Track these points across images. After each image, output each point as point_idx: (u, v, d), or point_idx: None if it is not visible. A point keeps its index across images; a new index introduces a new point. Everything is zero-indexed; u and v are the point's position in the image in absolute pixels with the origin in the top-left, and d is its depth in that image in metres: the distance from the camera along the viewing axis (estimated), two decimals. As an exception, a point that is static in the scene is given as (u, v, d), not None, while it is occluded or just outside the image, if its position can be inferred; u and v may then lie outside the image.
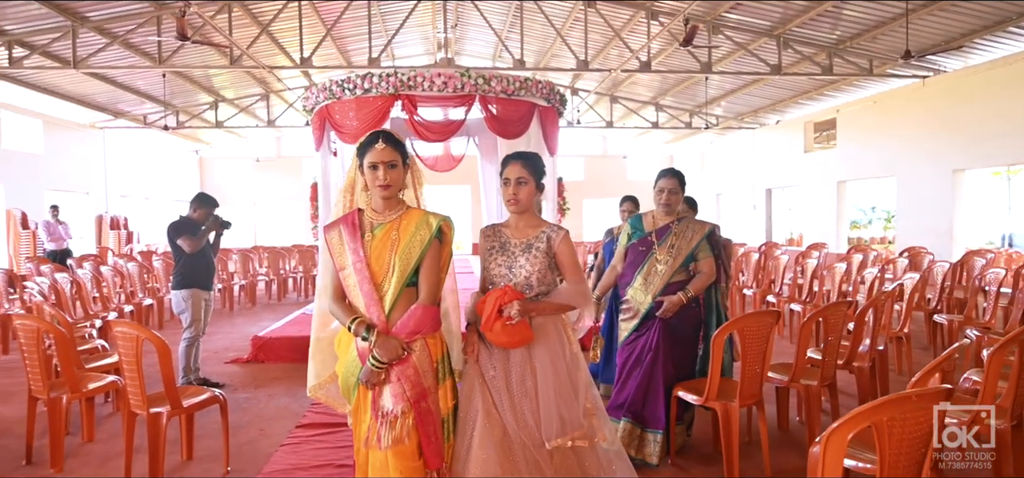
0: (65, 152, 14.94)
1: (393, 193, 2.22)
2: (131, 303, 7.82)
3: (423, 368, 2.18)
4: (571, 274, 2.42)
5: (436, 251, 2.23)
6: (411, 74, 6.45)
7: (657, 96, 16.84)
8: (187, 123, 16.53)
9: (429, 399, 2.18)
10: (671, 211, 3.47)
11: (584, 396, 2.41)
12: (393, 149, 2.20)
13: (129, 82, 13.24)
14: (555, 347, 2.37)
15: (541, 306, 2.35)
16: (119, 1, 9.43)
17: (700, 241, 3.38)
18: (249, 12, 10.59)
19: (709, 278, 3.38)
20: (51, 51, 10.26)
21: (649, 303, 3.35)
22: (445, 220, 2.27)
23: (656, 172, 3.61)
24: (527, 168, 2.45)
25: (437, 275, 2.25)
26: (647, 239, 3.45)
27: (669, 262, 3.34)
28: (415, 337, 2.17)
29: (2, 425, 4.27)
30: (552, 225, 2.46)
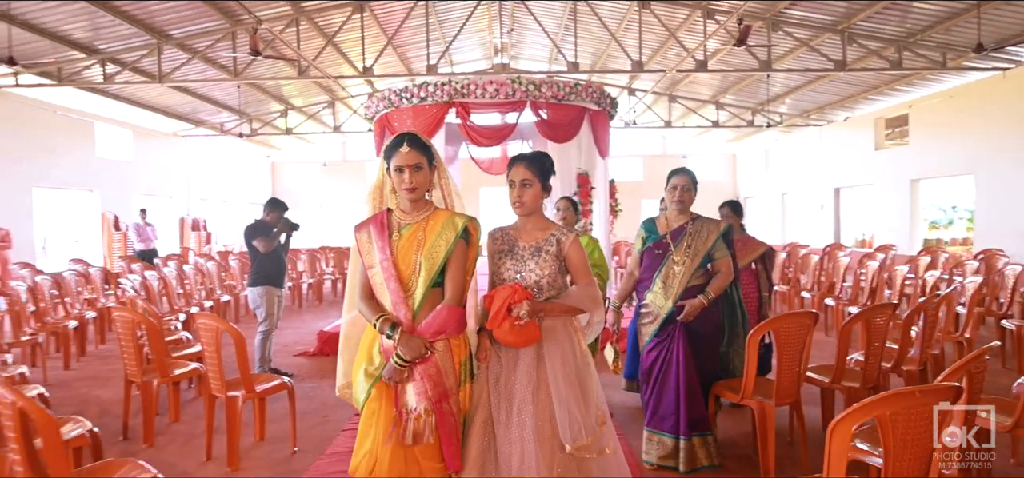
0: (152, 159, 16.11)
1: (419, 195, 2.24)
2: (210, 299, 8.45)
3: (445, 368, 2.19)
4: (581, 277, 2.39)
5: (462, 252, 2.25)
6: (464, 82, 6.75)
7: (717, 94, 16.55)
8: (260, 130, 17.52)
9: (450, 400, 2.19)
10: (685, 210, 3.39)
11: (594, 404, 2.34)
12: (418, 152, 2.23)
13: (208, 93, 14.20)
14: (566, 349, 2.33)
15: (551, 307, 2.31)
16: (199, 19, 10.17)
17: (716, 240, 3.32)
18: (315, 25, 11.15)
19: (727, 277, 3.32)
20: (139, 67, 11.17)
21: (670, 307, 3.28)
22: (471, 221, 2.28)
23: (717, 172, 3.66)
24: (532, 170, 2.38)
25: (463, 276, 2.27)
26: (662, 242, 3.38)
27: (687, 263, 3.28)
28: (439, 337, 2.19)
29: (102, 405, 4.79)
30: (561, 228, 2.43)
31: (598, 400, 2.37)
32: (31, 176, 12.10)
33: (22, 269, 8.65)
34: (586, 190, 7.18)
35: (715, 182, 22.89)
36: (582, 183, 7.19)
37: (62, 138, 12.95)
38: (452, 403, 2.19)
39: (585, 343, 2.44)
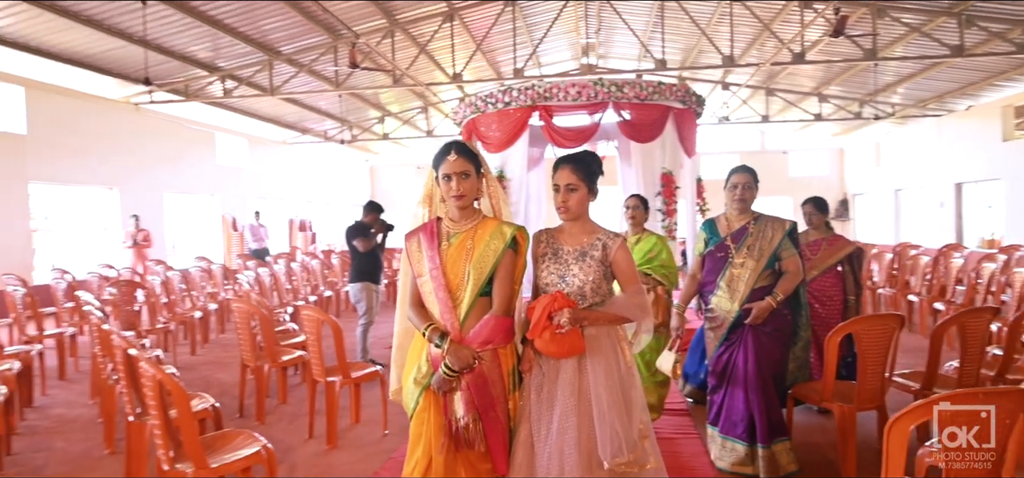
0: (264, 165, 17.50)
1: (466, 202, 2.24)
2: (314, 294, 9.13)
3: (492, 378, 2.19)
4: (629, 284, 2.27)
5: (510, 261, 2.23)
6: (547, 86, 6.91)
7: (820, 86, 15.67)
8: (359, 137, 18.57)
9: (498, 408, 2.19)
10: (746, 209, 3.24)
11: (638, 417, 2.24)
12: (466, 160, 2.22)
13: (313, 103, 15.27)
14: (610, 360, 2.24)
15: (595, 315, 2.20)
16: (305, 36, 10.98)
17: (782, 239, 3.15)
18: (409, 35, 11.70)
19: (796, 277, 3.16)
20: (254, 81, 12.22)
21: (736, 311, 3.15)
22: (519, 230, 2.25)
23: (822, 167, 3.52)
24: (577, 173, 2.27)
25: (510, 286, 2.24)
26: (723, 244, 3.25)
27: (751, 265, 3.13)
28: (487, 347, 2.18)
29: (222, 387, 5.36)
30: (608, 232, 2.32)
31: (642, 413, 2.28)
32: (163, 183, 13.54)
33: (156, 266, 9.72)
34: (670, 190, 7.13)
35: (820, 178, 21.65)
36: (666, 183, 7.14)
37: (188, 148, 14.39)
38: (499, 411, 2.19)
39: (631, 354, 2.34)
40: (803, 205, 4.46)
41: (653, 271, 3.80)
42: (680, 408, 4.42)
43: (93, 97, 11.42)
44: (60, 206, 11.73)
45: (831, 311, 4.20)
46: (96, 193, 12.26)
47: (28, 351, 4.91)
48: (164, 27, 9.44)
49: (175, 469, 2.55)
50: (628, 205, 4.07)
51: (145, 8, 8.47)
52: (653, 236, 3.98)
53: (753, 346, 3.12)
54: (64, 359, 5.99)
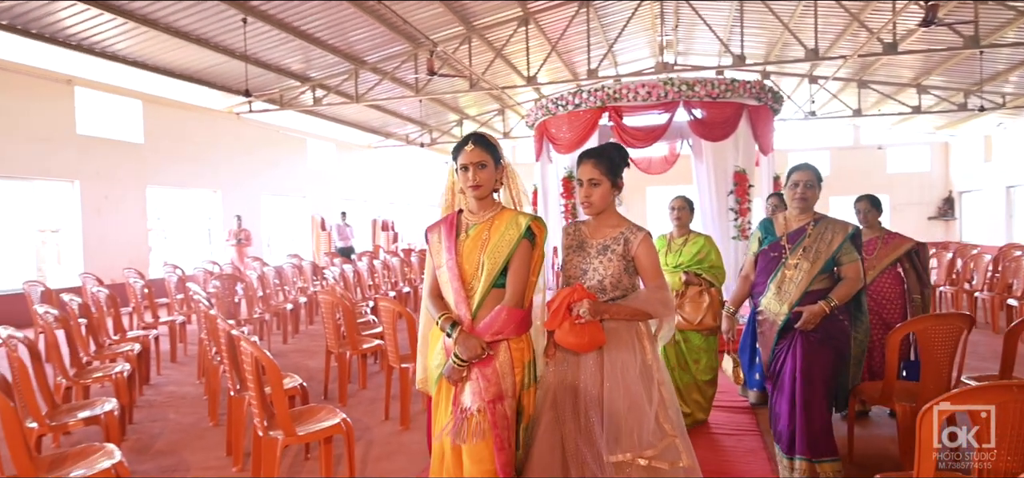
0: (350, 168, 18.45)
1: (483, 193, 2.24)
2: (394, 289, 9.63)
3: (503, 371, 2.16)
4: (652, 279, 2.27)
5: (525, 252, 2.20)
6: (616, 87, 6.99)
7: (920, 76, 14.70)
8: (438, 140, 19.20)
9: (506, 403, 2.15)
10: (806, 209, 3.03)
11: (660, 412, 2.21)
12: (482, 150, 2.23)
13: (395, 109, 15.97)
14: (627, 355, 2.23)
15: (615, 309, 2.22)
16: (387, 46, 11.56)
17: (842, 243, 2.95)
18: (485, 40, 12.04)
19: (855, 284, 2.94)
20: (341, 90, 12.96)
21: (786, 314, 2.96)
22: (535, 220, 2.23)
23: (923, 163, 3.28)
24: (599, 167, 2.29)
25: (524, 277, 2.21)
26: (778, 244, 3.06)
27: (806, 268, 2.94)
28: (497, 338, 2.15)
29: (309, 372, 5.82)
30: (632, 226, 2.32)
31: (669, 410, 2.24)
32: (260, 185, 14.61)
33: (254, 262, 10.55)
34: (743, 188, 7.00)
35: (921, 175, 20.28)
36: (739, 181, 7.03)
37: (282, 153, 15.43)
38: (507, 405, 2.15)
39: (654, 349, 2.31)
40: (856, 203, 4.27)
41: (704, 272, 3.80)
42: (740, 405, 4.40)
43: (200, 108, 12.52)
44: (172, 207, 12.92)
45: (891, 313, 4.01)
46: (202, 195, 13.42)
47: (146, 336, 5.57)
48: (262, 43, 10.24)
49: (268, 436, 2.89)
50: (673, 206, 4.01)
51: (246, 27, 9.25)
52: (701, 237, 3.93)
53: (801, 352, 2.92)
54: (175, 344, 6.69)
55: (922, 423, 1.70)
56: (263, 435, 2.90)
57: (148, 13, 8.60)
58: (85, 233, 10.48)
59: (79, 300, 5.24)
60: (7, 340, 3.18)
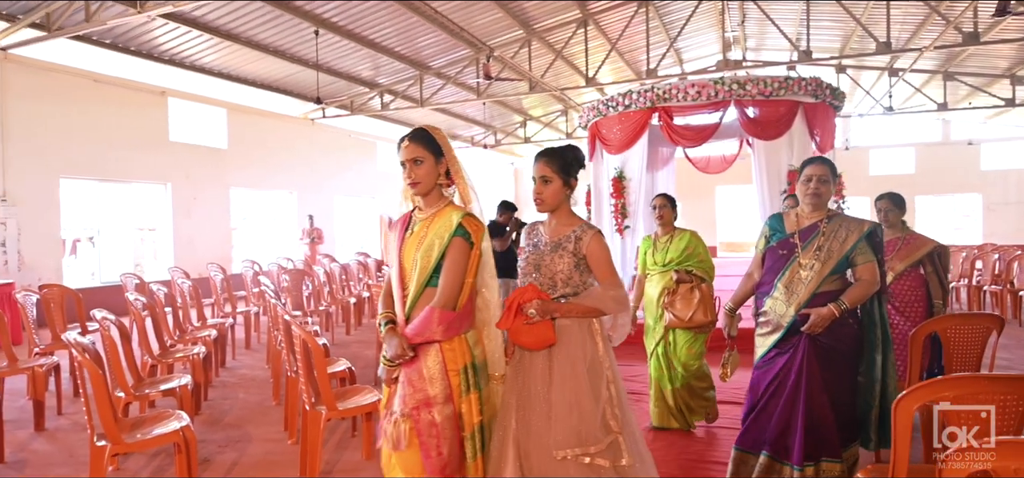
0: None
1: (422, 189, 2.18)
2: None
3: (432, 376, 2.07)
4: (604, 276, 2.28)
5: (458, 251, 2.11)
6: (666, 88, 7.03)
7: (1015, 66, 13.69)
8: (503, 141, 19.57)
9: (433, 409, 2.06)
10: (820, 205, 2.85)
11: (607, 409, 2.21)
12: (418, 145, 2.16)
13: (461, 112, 16.45)
14: (576, 352, 2.23)
15: (566, 307, 2.23)
16: (450, 51, 11.98)
17: (857, 242, 2.76)
18: (545, 42, 12.25)
19: (870, 287, 2.76)
20: (407, 94, 13.52)
21: (792, 316, 2.78)
22: (468, 217, 2.14)
23: (1020, 159, 2.98)
24: (550, 165, 2.32)
25: (455, 277, 2.10)
26: (788, 241, 2.88)
27: (817, 267, 2.77)
28: (424, 340, 2.07)
29: (367, 360, 6.20)
30: (585, 225, 2.34)
31: (618, 408, 2.23)
32: (332, 187, 15.42)
33: (325, 258, 11.22)
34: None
35: (1019, 172, 18.84)
36: (793, 180, 6.89)
37: (353, 156, 16.21)
38: (436, 412, 2.06)
39: (607, 346, 2.31)
40: (877, 201, 4.10)
41: (694, 268, 3.77)
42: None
43: (278, 115, 13.39)
44: (252, 208, 13.87)
45: (913, 316, 3.83)
46: (280, 196, 14.33)
47: (222, 324, 6.14)
48: (333, 52, 10.89)
49: (313, 410, 3.23)
50: (655, 205, 3.95)
51: (318, 39, 9.88)
52: (686, 233, 3.90)
53: (806, 356, 2.75)
54: (250, 332, 7.29)
55: (898, 412, 1.77)
56: (309, 409, 3.24)
57: (232, 28, 9.36)
58: (176, 231, 11.47)
59: (165, 291, 5.86)
60: (102, 322, 3.68)
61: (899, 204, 4.05)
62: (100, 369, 2.87)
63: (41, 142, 9.19)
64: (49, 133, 9.30)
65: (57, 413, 4.71)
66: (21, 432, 4.33)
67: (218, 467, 3.67)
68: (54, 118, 9.34)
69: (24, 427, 4.40)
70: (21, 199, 8.96)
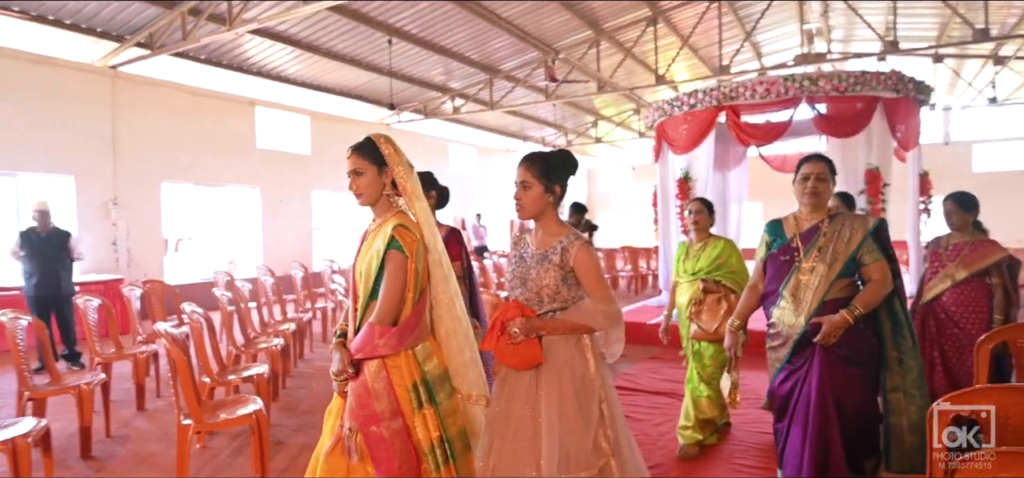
0: (490, 172, 19.43)
1: (366, 201, 2.16)
2: None
3: (376, 391, 2.02)
4: (593, 290, 2.12)
5: (394, 263, 2.04)
6: (733, 86, 6.87)
7: None
8: (574, 141, 19.58)
9: (381, 425, 2.01)
10: (819, 205, 2.68)
11: (600, 431, 2.08)
12: (359, 157, 2.14)
13: (532, 113, 16.61)
14: (564, 371, 2.09)
15: (552, 325, 2.10)
16: (519, 54, 12.15)
17: (863, 240, 2.60)
18: (615, 41, 12.19)
19: (881, 287, 2.58)
20: (477, 97, 13.82)
21: (802, 326, 2.61)
22: (398, 228, 2.07)
23: None
24: (531, 170, 2.18)
25: (393, 291, 2.04)
26: (789, 246, 2.72)
27: (822, 271, 2.60)
28: (364, 356, 2.04)
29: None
30: (571, 234, 2.17)
31: (610, 430, 2.10)
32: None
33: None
34: (876, 188, 6.53)
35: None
36: (871, 180, 6.57)
37: (427, 159, 16.68)
38: (384, 428, 2.01)
39: (599, 363, 2.16)
40: (944, 202, 3.79)
41: (723, 278, 3.58)
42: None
43: (356, 121, 14.02)
44: (333, 210, 14.59)
45: (969, 329, 3.49)
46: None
47: (302, 319, 6.57)
48: (406, 60, 11.32)
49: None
50: (690, 209, 3.78)
51: (391, 47, 10.31)
52: (721, 241, 3.71)
53: (820, 370, 2.57)
54: (326, 327, 7.74)
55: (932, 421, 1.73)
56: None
57: (312, 40, 9.95)
58: (264, 232, 12.27)
59: (251, 287, 6.34)
60: (190, 315, 4.07)
61: (965, 206, 3.71)
62: (186, 357, 3.20)
63: (145, 150, 10.10)
64: (152, 142, 10.20)
65: (156, 395, 5.24)
66: (125, 411, 4.84)
67: (290, 449, 3.97)
68: (156, 128, 10.24)
69: (128, 407, 4.93)
70: (129, 202, 9.88)
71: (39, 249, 6.09)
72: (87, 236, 8.78)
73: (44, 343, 4.23)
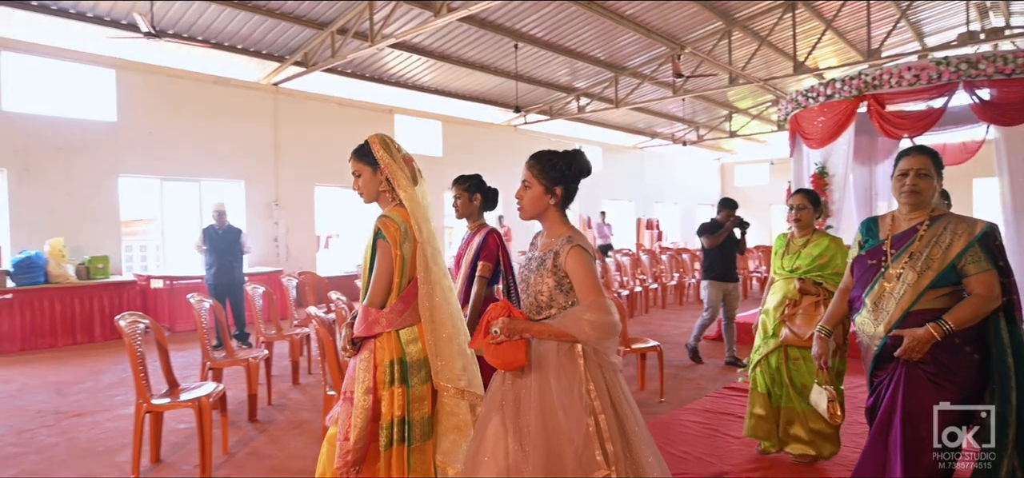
0: (615, 169, 19.30)
1: (366, 200, 2.42)
2: (657, 282, 10.34)
3: (362, 366, 2.27)
4: (584, 295, 1.96)
5: (381, 251, 2.27)
6: (876, 73, 6.37)
7: None
8: (706, 136, 18.90)
9: (356, 397, 2.25)
10: (920, 204, 2.34)
11: (596, 444, 1.92)
12: (357, 161, 2.40)
13: (661, 109, 16.29)
14: (549, 380, 1.98)
15: (534, 329, 1.99)
16: (645, 51, 12.02)
17: (967, 247, 2.24)
18: (748, 30, 11.63)
19: (984, 303, 2.21)
20: (603, 96, 13.83)
21: (882, 338, 2.31)
22: (381, 218, 2.29)
23: None
24: (532, 169, 2.11)
25: (379, 276, 2.27)
26: (879, 249, 2.41)
27: (910, 279, 2.28)
28: (362, 335, 2.30)
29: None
30: (566, 236, 2.04)
31: (609, 443, 1.94)
32: (535, 188, 16.32)
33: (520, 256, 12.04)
34: (1052, 182, 5.73)
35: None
36: (1047, 172, 5.77)
37: (554, 158, 16.97)
38: (358, 399, 2.25)
39: (595, 375, 1.98)
40: None
41: (826, 280, 3.30)
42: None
43: (484, 124, 14.63)
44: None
45: None
46: (488, 198, 15.61)
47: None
48: (532, 63, 11.65)
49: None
50: (792, 204, 3.49)
51: (517, 52, 10.68)
52: (826, 238, 3.41)
53: (904, 389, 2.25)
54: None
55: None
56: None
57: (444, 50, 10.58)
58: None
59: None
60: (336, 302, 4.60)
61: (945, 198, 3.26)
62: (332, 338, 3.65)
63: (301, 157, 11.32)
64: (307, 149, 11.40)
65: (308, 372, 5.96)
66: (283, 384, 5.56)
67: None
68: (310, 137, 11.42)
69: (285, 380, 5.65)
70: (288, 203, 11.14)
71: (217, 244, 7.11)
72: (254, 233, 10.04)
73: (222, 323, 4.99)
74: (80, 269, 8.14)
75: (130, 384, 3.87)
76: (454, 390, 2.30)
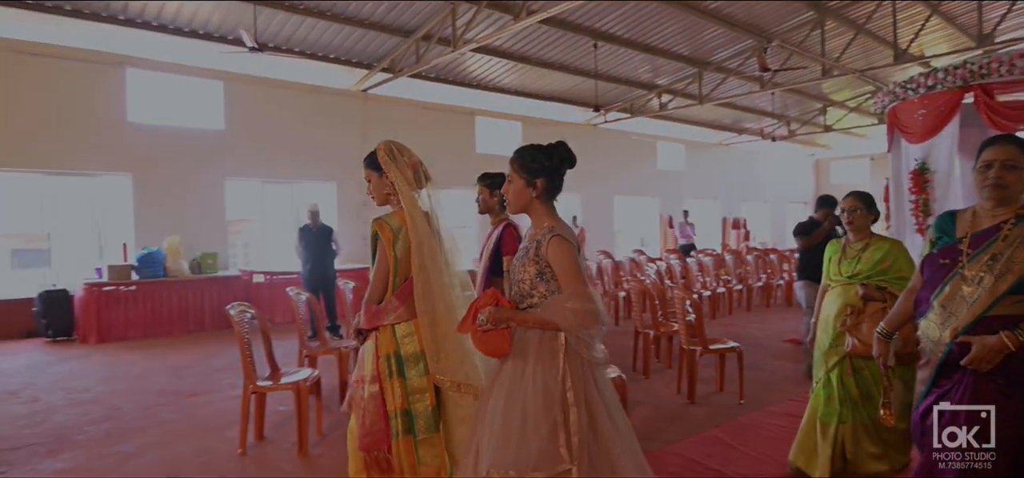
0: (699, 167, 18.80)
1: (378, 202, 2.62)
2: (743, 283, 10.12)
3: (365, 356, 2.50)
4: (567, 284, 2.04)
5: (380, 252, 2.49)
6: (983, 62, 5.93)
7: None
8: (798, 131, 18.04)
9: (363, 386, 2.47)
10: (1006, 199, 2.08)
11: (562, 436, 1.96)
12: (367, 168, 2.62)
13: (749, 104, 15.72)
14: (530, 367, 2.04)
15: (518, 317, 2.08)
16: (730, 44, 11.67)
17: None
18: (843, 18, 11.03)
19: None
20: (686, 92, 13.54)
21: (947, 344, 2.07)
22: (376, 221, 2.50)
23: None
24: (513, 164, 2.21)
25: (377, 274, 2.48)
26: (954, 247, 2.16)
27: (987, 283, 2.03)
28: (368, 326, 2.50)
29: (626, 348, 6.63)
30: (549, 227, 2.13)
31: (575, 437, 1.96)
32: (612, 187, 16.18)
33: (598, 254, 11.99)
34: None
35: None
36: None
37: (633, 157, 16.76)
38: (364, 389, 2.47)
39: (572, 364, 2.03)
40: None
41: (889, 284, 3.09)
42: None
43: (563, 123, 14.69)
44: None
45: None
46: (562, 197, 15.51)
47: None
48: (612, 61, 11.61)
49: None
50: (844, 207, 3.31)
51: (596, 51, 10.68)
52: (886, 242, 3.22)
53: (970, 401, 2.03)
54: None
55: None
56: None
57: (524, 52, 10.77)
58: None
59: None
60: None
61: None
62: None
63: (389, 159, 11.82)
64: (394, 151, 11.90)
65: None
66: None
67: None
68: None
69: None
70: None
71: (311, 242, 7.61)
72: (345, 232, 10.61)
73: (317, 315, 5.37)
74: (193, 264, 8.96)
75: (237, 368, 4.26)
76: (450, 383, 2.42)
